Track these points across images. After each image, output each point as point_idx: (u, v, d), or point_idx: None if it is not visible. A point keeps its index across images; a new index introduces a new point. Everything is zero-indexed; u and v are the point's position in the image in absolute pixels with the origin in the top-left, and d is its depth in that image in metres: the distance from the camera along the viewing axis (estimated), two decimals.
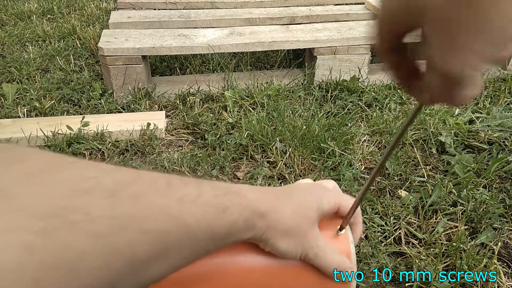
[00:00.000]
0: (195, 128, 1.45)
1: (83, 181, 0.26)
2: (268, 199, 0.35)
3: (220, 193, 0.32)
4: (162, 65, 1.86)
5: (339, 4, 2.10)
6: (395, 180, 1.22)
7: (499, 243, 1.03)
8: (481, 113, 1.51)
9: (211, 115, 1.48)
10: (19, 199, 0.23)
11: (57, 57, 1.88)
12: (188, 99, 1.57)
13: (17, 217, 0.23)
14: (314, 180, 0.45)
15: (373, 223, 1.07)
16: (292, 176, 1.22)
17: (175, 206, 0.29)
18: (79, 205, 0.25)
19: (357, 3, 2.11)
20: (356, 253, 0.40)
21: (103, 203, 0.26)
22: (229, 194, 0.32)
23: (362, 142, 1.36)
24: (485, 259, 0.96)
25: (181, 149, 1.36)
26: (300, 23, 1.88)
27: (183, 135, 1.43)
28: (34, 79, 1.71)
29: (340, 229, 0.39)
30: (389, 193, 1.18)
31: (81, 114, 1.50)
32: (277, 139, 1.32)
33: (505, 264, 1.00)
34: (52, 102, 1.55)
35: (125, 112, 1.53)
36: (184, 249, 0.30)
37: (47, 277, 0.23)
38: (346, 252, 0.39)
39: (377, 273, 0.96)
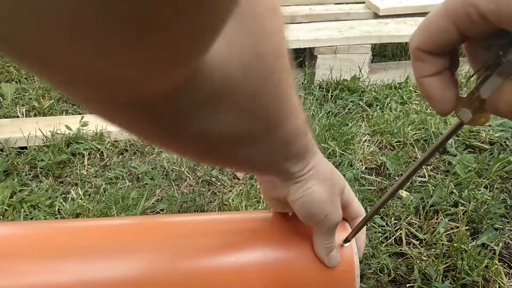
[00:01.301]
0: None
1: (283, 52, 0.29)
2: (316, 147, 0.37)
3: (304, 118, 0.35)
4: None
5: (340, 3, 2.09)
6: (396, 180, 1.22)
7: (500, 244, 1.02)
8: None
9: None
10: (257, 24, 0.26)
11: None
12: None
13: (245, 35, 0.25)
14: None
15: (374, 223, 1.06)
16: None
17: (289, 108, 0.32)
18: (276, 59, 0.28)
19: (358, 2, 2.11)
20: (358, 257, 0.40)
21: (285, 75, 0.30)
22: (306, 123, 0.35)
23: (363, 142, 1.36)
24: (486, 260, 0.95)
25: None
26: (300, 22, 1.88)
27: None
28: (33, 79, 1.71)
29: (345, 241, 0.39)
30: (393, 195, 1.17)
31: (80, 113, 1.50)
32: None
33: (506, 264, 1.00)
34: (51, 101, 1.55)
35: None
36: (264, 147, 0.32)
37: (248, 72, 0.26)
38: (350, 264, 0.38)
39: (378, 274, 0.95)
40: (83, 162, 1.27)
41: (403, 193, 1.17)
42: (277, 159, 0.34)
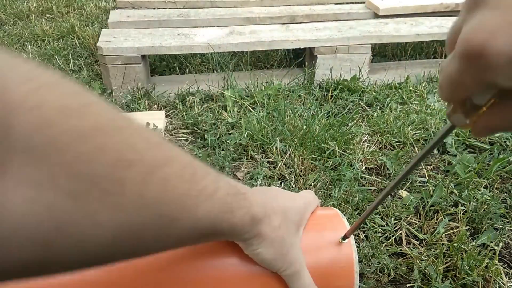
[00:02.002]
0: (195, 128, 1.44)
1: (130, 151, 0.25)
2: (265, 205, 0.35)
3: (231, 192, 0.32)
4: (161, 64, 1.86)
5: (340, 3, 2.10)
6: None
7: (500, 244, 1.02)
8: None
9: (210, 115, 1.48)
10: (67, 155, 0.22)
11: (56, 56, 1.88)
12: (188, 98, 1.56)
13: (57, 173, 0.22)
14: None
15: (374, 223, 1.06)
16: (292, 176, 1.21)
17: (192, 197, 0.28)
18: (117, 176, 0.24)
19: (358, 2, 2.11)
20: (357, 254, 0.40)
21: (137, 180, 0.25)
22: (238, 195, 0.32)
23: (363, 142, 1.36)
24: (486, 260, 0.95)
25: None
26: (300, 22, 1.88)
27: (183, 135, 1.42)
28: None
29: (344, 238, 0.39)
30: (390, 194, 1.17)
31: None
32: (277, 139, 1.31)
33: (506, 264, 1.00)
34: None
35: (124, 111, 1.52)
36: (184, 238, 0.30)
37: (59, 242, 0.22)
38: (349, 260, 0.38)
39: (378, 274, 0.95)
40: None
41: (403, 193, 1.17)
42: (202, 240, 0.32)
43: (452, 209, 1.11)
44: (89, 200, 0.23)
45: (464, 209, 1.11)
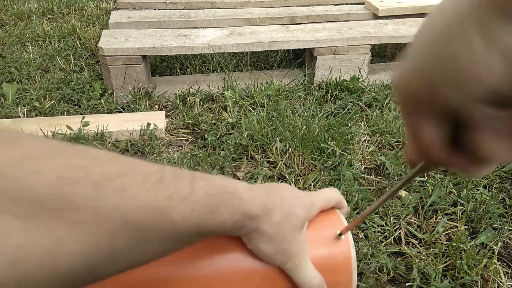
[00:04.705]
0: (195, 128, 1.45)
1: (72, 170, 0.26)
2: (262, 201, 0.35)
3: (213, 192, 0.32)
4: (162, 65, 1.86)
5: (339, 4, 2.10)
6: (395, 180, 1.22)
7: (499, 243, 1.03)
8: None
9: (211, 115, 1.48)
10: (6, 182, 0.23)
11: (57, 57, 1.88)
12: (188, 99, 1.57)
13: (0, 200, 0.23)
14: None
15: (373, 223, 1.07)
16: (292, 176, 1.22)
17: (161, 202, 0.29)
18: (64, 193, 0.25)
19: (357, 3, 2.11)
20: (356, 253, 0.40)
21: (88, 194, 0.26)
22: (224, 194, 0.32)
23: (362, 142, 1.36)
24: (485, 259, 0.96)
25: (181, 149, 1.36)
26: (300, 23, 1.88)
27: (183, 135, 1.43)
28: (34, 79, 1.71)
29: (340, 234, 0.39)
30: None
31: (81, 114, 1.50)
32: (277, 139, 1.32)
33: (505, 264, 1.00)
34: (52, 102, 1.55)
35: (125, 112, 1.53)
36: (167, 242, 0.30)
37: (23, 261, 0.23)
38: (347, 256, 0.39)
39: (377, 273, 0.96)
40: None
41: (402, 192, 1.18)
42: (193, 240, 0.32)
43: (451, 208, 1.12)
44: (42, 219, 0.24)
45: (463, 209, 1.11)
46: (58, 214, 0.24)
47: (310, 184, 1.16)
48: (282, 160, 1.26)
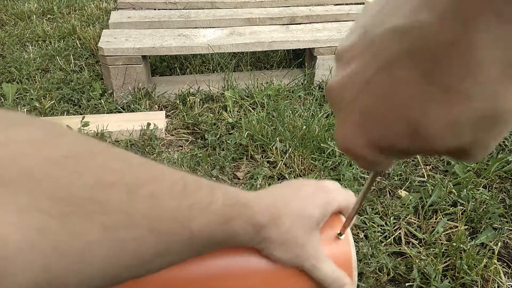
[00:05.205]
0: (195, 128, 1.45)
1: (108, 173, 0.26)
2: (270, 211, 0.35)
3: (229, 203, 0.32)
4: (162, 65, 1.86)
5: (339, 4, 2.10)
6: (395, 180, 1.22)
7: (499, 243, 1.03)
8: None
9: (211, 115, 1.48)
10: (45, 182, 0.23)
11: (57, 57, 1.88)
12: (188, 99, 1.57)
13: (38, 198, 0.23)
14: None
15: (373, 223, 1.07)
16: (292, 176, 1.22)
17: (184, 212, 0.29)
18: (99, 197, 0.25)
19: (357, 3, 2.11)
20: (356, 253, 0.40)
21: (121, 199, 0.26)
22: (237, 204, 0.33)
23: None
24: (485, 259, 0.96)
25: (181, 149, 1.36)
26: (300, 23, 1.88)
27: (183, 135, 1.43)
28: (34, 79, 1.71)
29: (340, 234, 0.39)
30: (389, 193, 1.18)
31: (81, 114, 1.50)
32: (277, 139, 1.32)
33: (505, 264, 1.00)
34: (52, 102, 1.55)
35: (125, 112, 1.53)
36: (185, 250, 0.31)
37: (56, 262, 0.23)
38: (347, 256, 0.39)
39: (377, 273, 0.96)
40: None
41: (402, 192, 1.18)
42: (207, 250, 0.33)
43: (451, 208, 1.12)
44: (77, 221, 0.24)
45: (463, 209, 1.11)
46: (92, 217, 0.25)
47: None
48: (282, 160, 1.26)
